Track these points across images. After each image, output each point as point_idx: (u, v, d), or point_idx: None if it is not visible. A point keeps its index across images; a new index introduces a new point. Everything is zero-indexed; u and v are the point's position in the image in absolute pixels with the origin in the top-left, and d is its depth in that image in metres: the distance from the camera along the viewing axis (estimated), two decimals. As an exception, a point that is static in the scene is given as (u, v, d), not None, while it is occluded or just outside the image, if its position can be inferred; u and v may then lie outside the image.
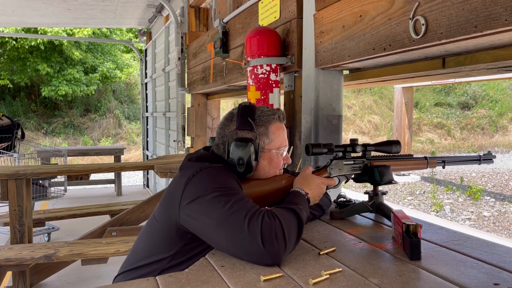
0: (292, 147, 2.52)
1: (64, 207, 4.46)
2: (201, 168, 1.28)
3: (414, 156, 1.64)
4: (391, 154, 1.58)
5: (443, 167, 1.68)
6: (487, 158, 1.71)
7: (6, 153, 4.61)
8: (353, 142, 1.54)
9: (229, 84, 3.51)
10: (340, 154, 1.53)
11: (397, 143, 1.56)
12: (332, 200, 1.76)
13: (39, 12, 6.53)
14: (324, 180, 1.44)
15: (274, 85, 2.44)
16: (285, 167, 1.54)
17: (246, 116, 1.38)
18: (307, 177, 1.42)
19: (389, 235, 1.36)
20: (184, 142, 5.04)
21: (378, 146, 1.56)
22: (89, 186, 7.62)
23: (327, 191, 1.59)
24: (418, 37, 1.47)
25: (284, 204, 1.26)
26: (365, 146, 1.55)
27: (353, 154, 1.55)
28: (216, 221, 1.16)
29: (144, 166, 4.07)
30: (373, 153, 1.58)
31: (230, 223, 1.13)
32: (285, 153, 1.46)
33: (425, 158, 1.63)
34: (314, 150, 1.48)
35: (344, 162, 1.53)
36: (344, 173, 1.53)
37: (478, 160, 1.69)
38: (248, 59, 2.50)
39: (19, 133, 4.88)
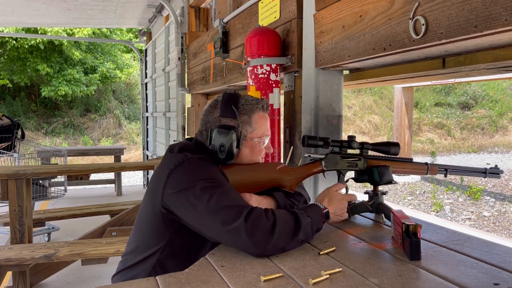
0: (292, 147, 2.52)
1: (64, 207, 4.45)
2: (183, 159, 1.29)
3: (415, 160, 1.62)
4: (389, 156, 1.58)
5: (445, 176, 1.61)
6: (494, 172, 1.60)
7: (6, 153, 4.60)
8: (351, 138, 1.54)
9: (229, 84, 3.51)
10: (337, 149, 1.54)
11: (396, 144, 1.55)
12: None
13: (39, 12, 6.53)
14: (345, 196, 1.46)
15: (274, 85, 2.44)
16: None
17: (230, 104, 1.39)
18: (329, 193, 1.43)
19: (389, 235, 1.36)
20: (184, 142, 5.03)
21: (376, 146, 1.56)
22: (89, 186, 7.62)
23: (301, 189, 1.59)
24: (418, 37, 1.47)
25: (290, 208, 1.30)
26: (362, 143, 1.55)
27: (350, 151, 1.55)
28: (203, 212, 1.18)
29: (144, 166, 4.08)
30: (373, 153, 1.58)
31: (216, 214, 1.16)
32: (267, 141, 1.47)
33: (426, 164, 1.59)
34: (310, 141, 1.51)
35: (340, 157, 1.54)
36: (339, 168, 1.53)
37: (484, 173, 1.59)
38: (248, 59, 2.50)
39: (19, 133, 4.88)
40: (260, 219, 1.14)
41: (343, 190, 1.51)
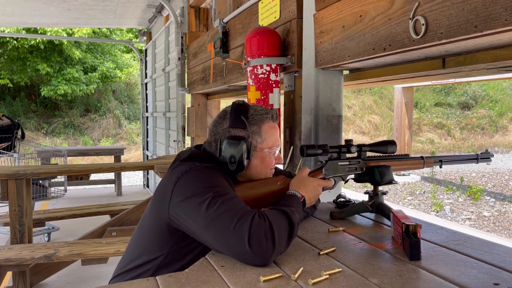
0: (292, 147, 2.52)
1: (64, 207, 4.46)
2: (190, 167, 1.28)
3: (411, 155, 1.64)
4: (387, 154, 1.58)
5: (440, 167, 1.67)
6: (485, 157, 1.70)
7: (6, 153, 4.60)
8: (348, 142, 1.53)
9: (229, 84, 3.51)
10: (335, 155, 1.52)
11: (392, 143, 1.55)
12: (332, 200, 1.76)
13: (39, 12, 6.53)
14: (321, 182, 1.44)
15: (274, 85, 2.44)
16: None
17: (239, 114, 1.38)
18: (303, 180, 1.41)
19: (389, 235, 1.36)
20: (184, 142, 5.04)
21: (374, 146, 1.55)
22: (89, 186, 7.62)
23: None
24: (418, 37, 1.47)
25: (276, 206, 1.26)
26: (360, 146, 1.54)
27: (348, 155, 1.55)
28: (205, 221, 1.15)
29: (144, 166, 4.07)
30: (370, 154, 1.58)
31: (218, 224, 1.13)
32: (277, 152, 1.46)
33: (422, 157, 1.62)
34: (309, 151, 1.47)
35: (339, 163, 1.52)
36: (339, 174, 1.52)
37: (476, 159, 1.68)
38: (248, 59, 2.50)
39: (19, 133, 4.88)
40: (261, 230, 1.10)
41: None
